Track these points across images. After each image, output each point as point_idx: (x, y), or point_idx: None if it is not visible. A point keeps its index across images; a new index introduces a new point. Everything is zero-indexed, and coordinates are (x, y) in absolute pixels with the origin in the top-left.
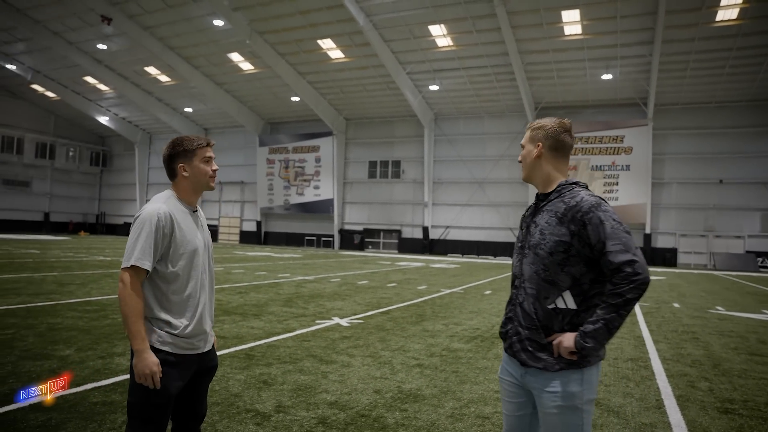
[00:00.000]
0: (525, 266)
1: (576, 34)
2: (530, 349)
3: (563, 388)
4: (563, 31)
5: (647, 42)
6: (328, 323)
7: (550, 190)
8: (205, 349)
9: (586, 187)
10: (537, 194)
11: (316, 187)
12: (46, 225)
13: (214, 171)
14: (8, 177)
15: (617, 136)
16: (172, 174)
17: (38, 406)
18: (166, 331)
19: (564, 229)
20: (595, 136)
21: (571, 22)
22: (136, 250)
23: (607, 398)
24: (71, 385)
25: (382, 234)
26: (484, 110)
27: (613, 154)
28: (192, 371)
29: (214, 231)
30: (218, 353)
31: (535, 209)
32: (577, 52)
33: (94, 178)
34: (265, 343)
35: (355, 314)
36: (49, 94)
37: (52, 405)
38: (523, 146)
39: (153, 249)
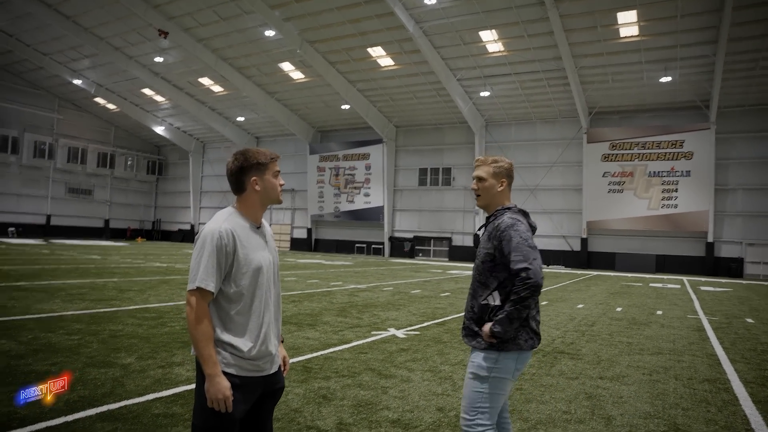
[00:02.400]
0: (473, 273)
1: (632, 36)
2: (468, 333)
3: (479, 361)
4: (619, 33)
5: (710, 41)
6: (384, 334)
7: (491, 214)
8: (271, 371)
9: (521, 211)
10: (486, 216)
11: (366, 195)
12: (106, 231)
13: (281, 185)
14: (73, 185)
15: (676, 141)
16: (240, 187)
17: (107, 415)
18: (230, 353)
19: (490, 244)
20: (653, 141)
21: (628, 23)
22: (200, 272)
23: (687, 424)
24: (133, 395)
25: (432, 242)
26: (536, 116)
27: (672, 159)
28: (257, 394)
29: None
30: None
31: (483, 229)
32: (633, 55)
33: (150, 186)
34: (321, 354)
35: (411, 325)
36: (110, 106)
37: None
38: (482, 178)
39: (216, 269)
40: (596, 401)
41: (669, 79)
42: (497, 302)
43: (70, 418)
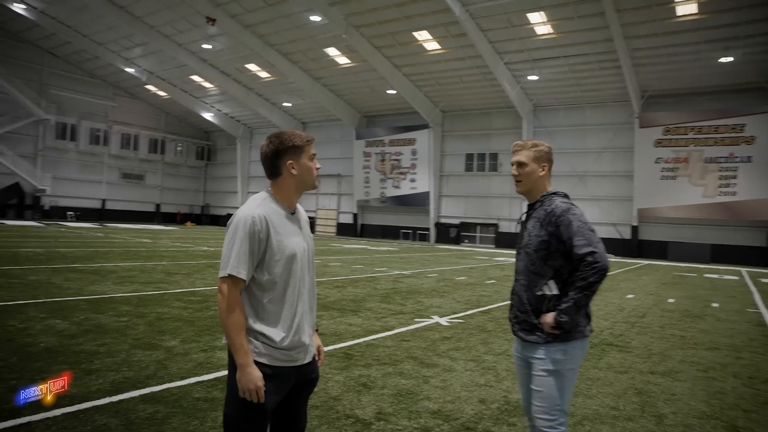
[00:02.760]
0: (519, 263)
1: (690, 15)
2: (526, 327)
3: (549, 356)
4: (675, 11)
5: None
6: (427, 322)
7: (536, 200)
8: (305, 361)
9: (565, 196)
10: (528, 204)
11: (413, 180)
12: (157, 215)
13: (317, 169)
14: (126, 171)
15: (736, 125)
16: (275, 171)
17: (149, 397)
18: (261, 342)
19: (544, 231)
20: (710, 126)
21: (686, 0)
22: (232, 258)
23: (749, 428)
24: (175, 377)
25: (478, 228)
26: (586, 100)
27: (731, 144)
28: (290, 384)
29: (311, 223)
30: None
31: (527, 216)
32: (690, 34)
33: (199, 171)
34: (363, 341)
35: (455, 313)
36: (161, 93)
37: (162, 398)
38: (523, 163)
39: (249, 256)
40: (647, 398)
41: (730, 59)
42: (555, 291)
43: (114, 398)
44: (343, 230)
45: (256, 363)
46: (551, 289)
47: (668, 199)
